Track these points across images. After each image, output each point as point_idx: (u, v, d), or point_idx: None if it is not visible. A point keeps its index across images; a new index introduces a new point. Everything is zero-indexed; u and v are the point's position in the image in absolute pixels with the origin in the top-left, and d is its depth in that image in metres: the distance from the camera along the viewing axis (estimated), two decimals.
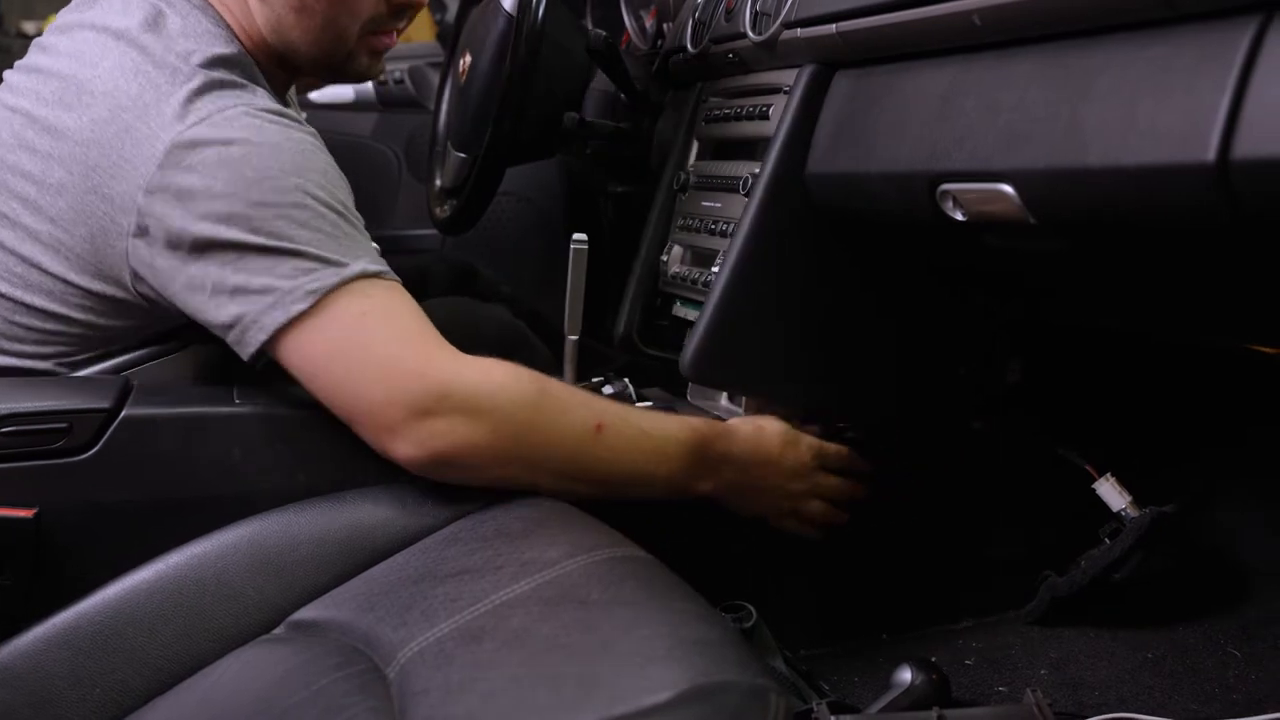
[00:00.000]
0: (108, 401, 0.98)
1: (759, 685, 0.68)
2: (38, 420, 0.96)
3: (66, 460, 0.96)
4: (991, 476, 1.36)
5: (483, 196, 1.48)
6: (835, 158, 1.10)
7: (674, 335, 1.34)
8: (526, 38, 1.38)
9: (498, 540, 0.89)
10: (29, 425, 0.95)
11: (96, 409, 0.97)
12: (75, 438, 0.97)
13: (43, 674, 0.85)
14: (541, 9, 1.39)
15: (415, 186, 2.21)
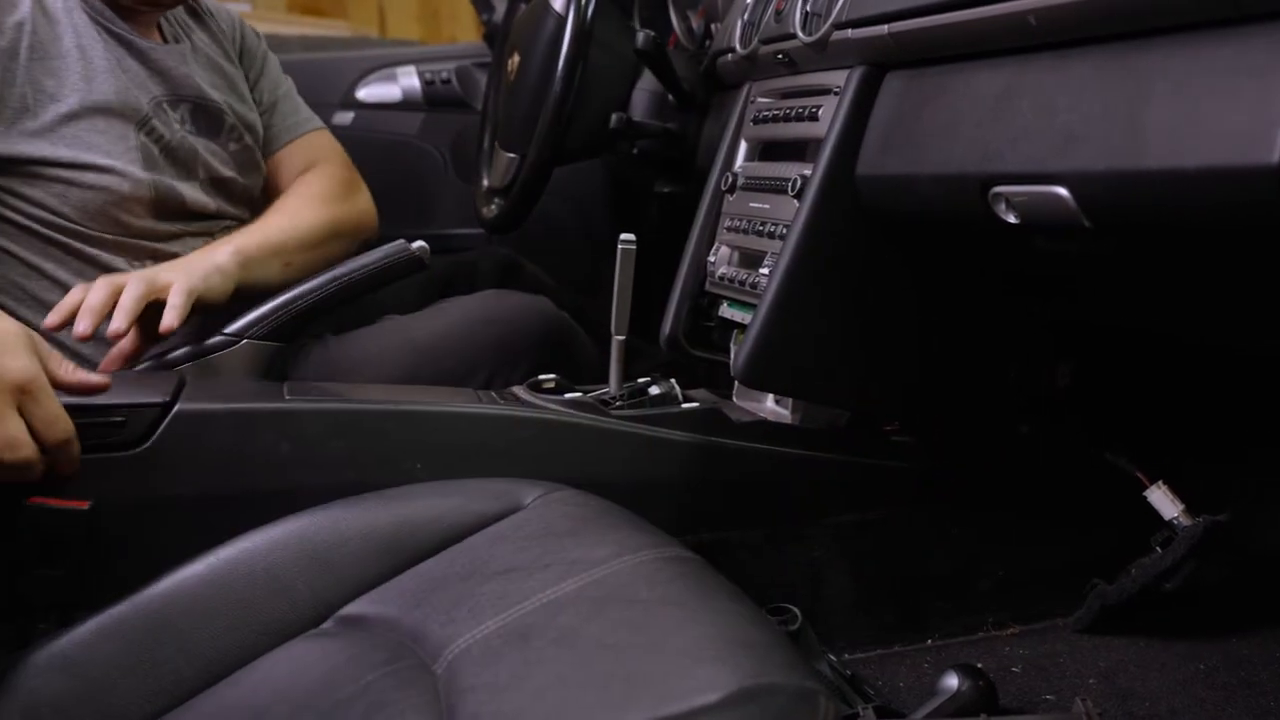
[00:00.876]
0: (162, 396, 1.00)
1: (807, 688, 0.68)
2: (94, 414, 0.97)
3: (121, 454, 0.97)
4: (1039, 481, 1.35)
5: (530, 196, 1.49)
6: (886, 159, 1.09)
7: (720, 336, 1.34)
8: (576, 38, 1.39)
9: (545, 539, 0.89)
10: (86, 419, 0.97)
11: (151, 403, 0.99)
12: (130, 431, 0.99)
13: (98, 663, 0.86)
14: (591, 9, 1.40)
15: (461, 186, 2.22)
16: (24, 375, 0.91)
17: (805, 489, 1.26)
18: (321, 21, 4.63)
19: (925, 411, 1.26)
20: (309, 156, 1.53)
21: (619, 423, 1.19)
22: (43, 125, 1.20)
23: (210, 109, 1.39)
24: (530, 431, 1.14)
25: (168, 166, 1.30)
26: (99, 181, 1.22)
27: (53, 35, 1.23)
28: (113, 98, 1.25)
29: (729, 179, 1.38)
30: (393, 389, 1.23)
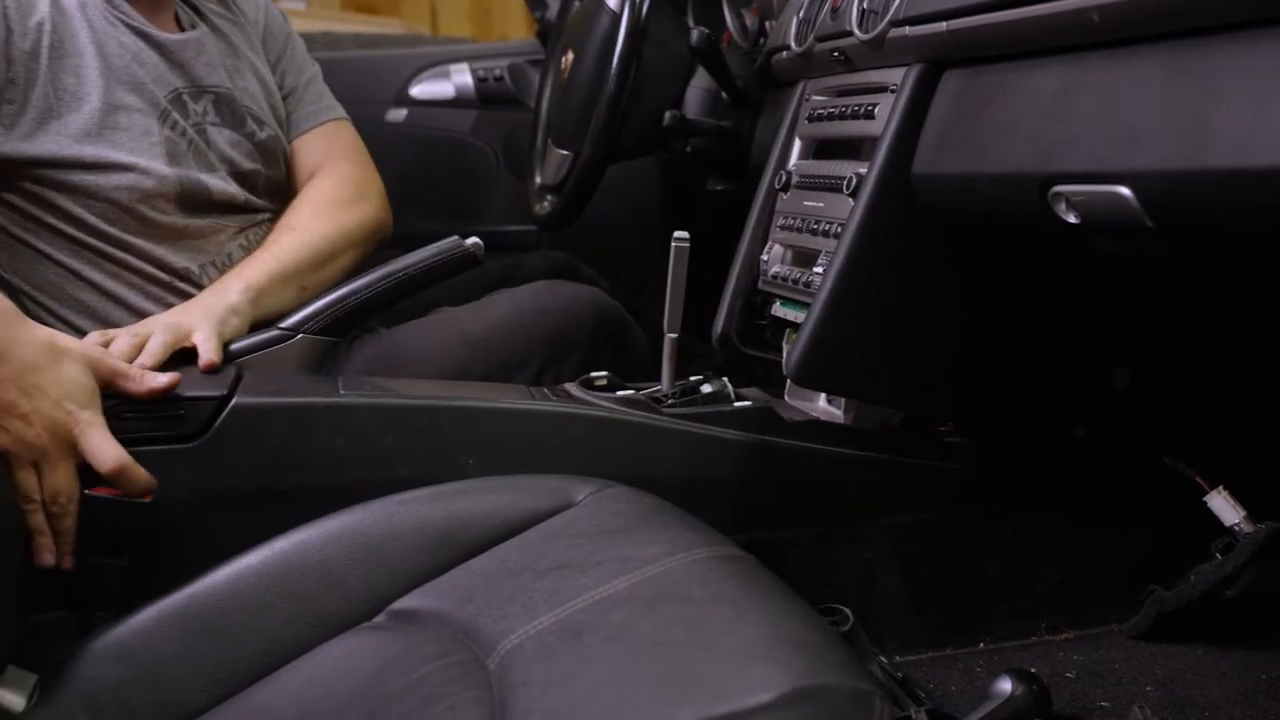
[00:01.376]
0: (220, 390, 1.01)
1: (862, 689, 0.67)
2: (154, 407, 0.99)
3: (180, 446, 0.99)
4: (1094, 484, 1.33)
5: (584, 193, 1.49)
6: (943, 158, 1.08)
7: (773, 335, 1.34)
8: (630, 35, 1.39)
9: (597, 536, 0.89)
10: (146, 412, 0.98)
11: (209, 397, 1.00)
12: (188, 424, 1.00)
13: (156, 652, 0.87)
14: (645, 7, 1.39)
15: (513, 183, 2.23)
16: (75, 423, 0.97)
17: (858, 489, 1.25)
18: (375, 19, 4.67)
19: (979, 412, 1.25)
20: (326, 147, 1.51)
21: (671, 420, 1.19)
22: (67, 125, 1.20)
23: (233, 100, 1.38)
24: (582, 428, 1.15)
25: (192, 160, 1.29)
26: (124, 181, 1.22)
27: (70, 32, 1.23)
28: (133, 94, 1.25)
29: (783, 177, 1.37)
30: (446, 385, 1.23)
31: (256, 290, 1.24)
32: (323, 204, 1.41)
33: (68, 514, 0.98)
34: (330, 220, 1.38)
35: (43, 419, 0.96)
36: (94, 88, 1.22)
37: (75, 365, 0.99)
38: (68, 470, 0.98)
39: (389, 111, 2.31)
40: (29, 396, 0.95)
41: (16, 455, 0.96)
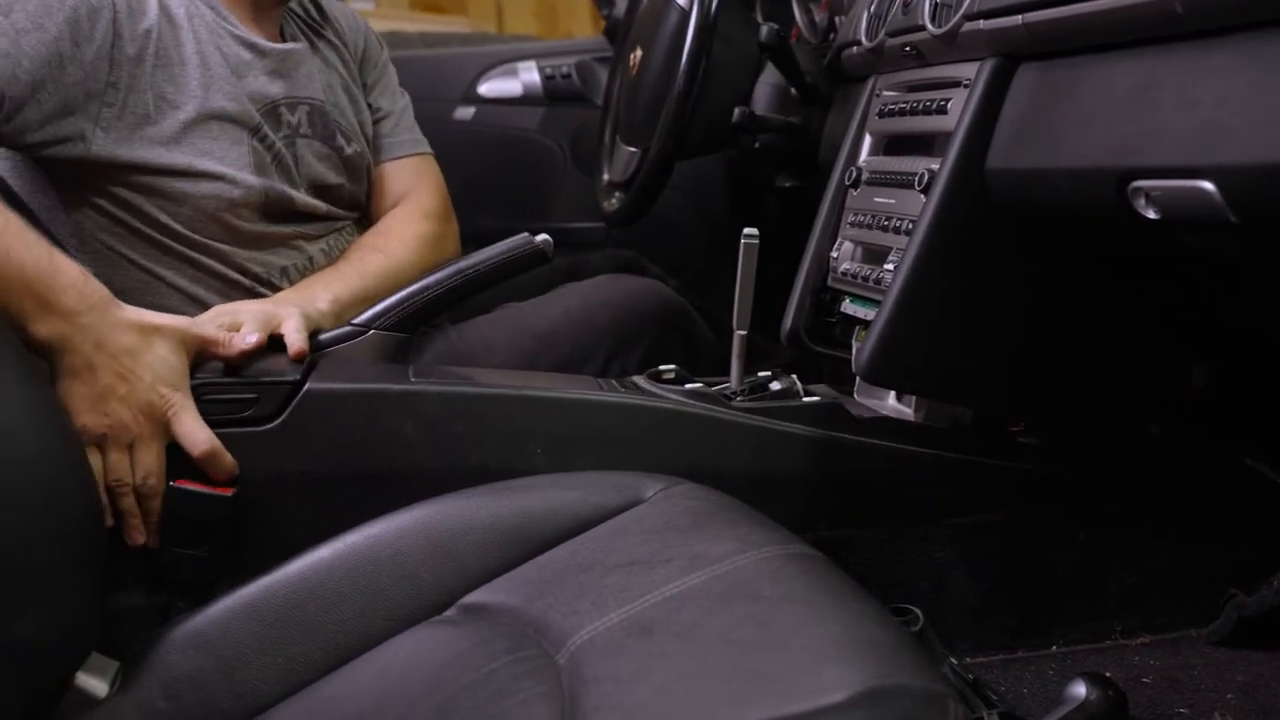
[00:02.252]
0: (293, 375, 1.02)
1: (936, 691, 0.66)
2: (230, 390, 1.01)
3: (254, 429, 1.00)
4: (1171, 485, 1.30)
5: (652, 190, 1.49)
6: (1018, 153, 1.07)
7: (842, 332, 1.33)
8: (700, 32, 1.38)
9: (666, 533, 0.89)
10: (222, 394, 1.00)
11: (283, 381, 1.02)
12: (262, 407, 1.02)
13: (231, 641, 0.88)
14: (715, 3, 1.39)
15: (580, 180, 2.23)
16: (168, 405, 1.01)
17: (927, 487, 1.23)
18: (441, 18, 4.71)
19: (1052, 410, 1.23)
20: (413, 180, 1.53)
21: (739, 415, 1.18)
22: (161, 132, 1.22)
23: (325, 113, 1.40)
24: (650, 420, 1.14)
25: (278, 172, 1.31)
26: (212, 189, 1.24)
27: (176, 41, 1.24)
28: (229, 105, 1.26)
29: (853, 173, 1.36)
30: (515, 374, 1.24)
31: (342, 305, 1.26)
32: (410, 235, 1.44)
33: (156, 495, 1.02)
34: (415, 252, 1.41)
35: (138, 402, 0.99)
36: (191, 97, 1.24)
37: (166, 344, 1.03)
38: (159, 451, 1.02)
39: (457, 109, 2.32)
40: (125, 381, 0.99)
41: (112, 438, 0.99)
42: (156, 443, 1.01)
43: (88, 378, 0.99)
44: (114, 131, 1.19)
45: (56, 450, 0.84)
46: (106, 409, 0.99)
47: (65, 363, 0.99)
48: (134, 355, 1.00)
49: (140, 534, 1.02)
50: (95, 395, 0.99)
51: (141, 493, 1.01)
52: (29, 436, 0.82)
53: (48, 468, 0.83)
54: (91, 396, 0.99)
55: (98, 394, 0.99)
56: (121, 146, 1.20)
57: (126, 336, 1.00)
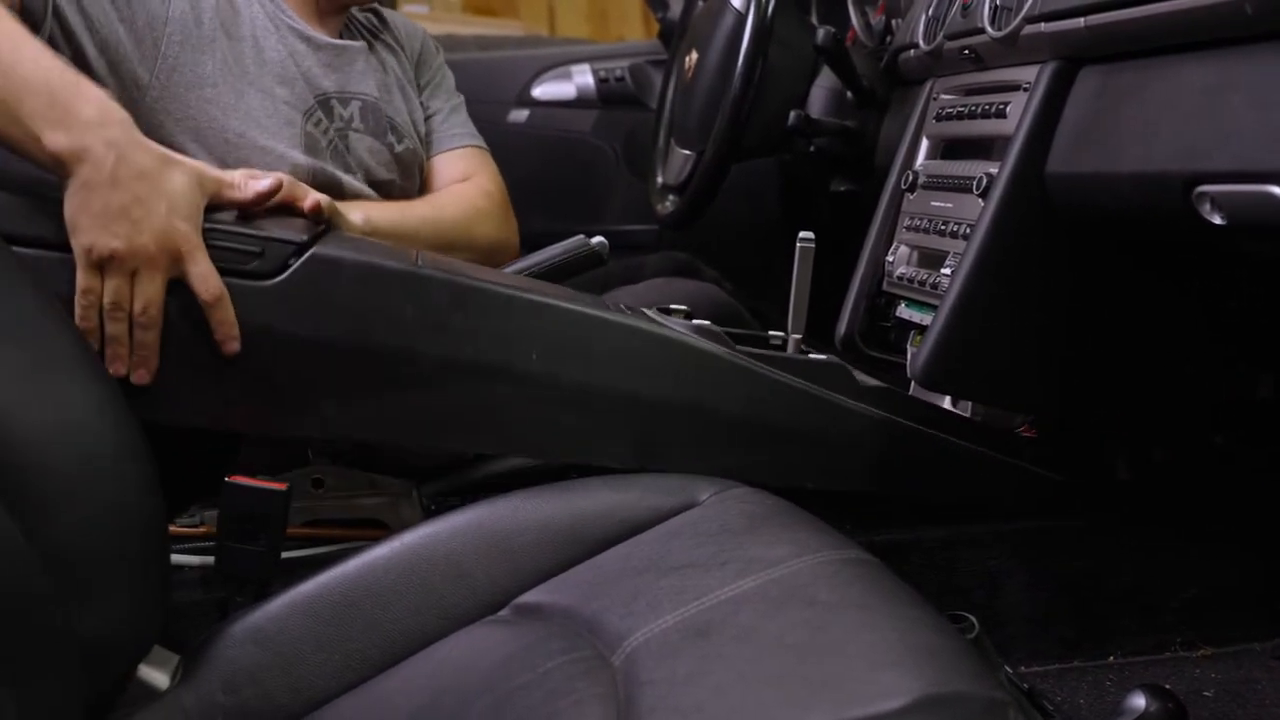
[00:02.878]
0: (300, 236, 1.02)
1: (996, 698, 0.66)
2: (236, 239, 1.00)
3: (254, 283, 0.99)
4: (1234, 496, 1.28)
5: (707, 193, 1.49)
6: (1079, 157, 1.06)
7: (897, 337, 1.32)
8: (756, 35, 1.38)
9: (722, 536, 0.89)
10: (228, 243, 0.99)
11: (289, 240, 1.01)
12: (265, 262, 1.00)
13: (289, 637, 0.89)
14: (771, 6, 1.39)
15: (633, 183, 2.23)
16: (183, 240, 0.97)
17: (982, 488, 1.22)
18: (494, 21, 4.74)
19: (1112, 418, 1.22)
20: (470, 166, 1.53)
21: (739, 356, 1.15)
22: (218, 96, 1.23)
23: (378, 109, 1.40)
24: (646, 344, 1.11)
25: (330, 159, 1.32)
26: (262, 159, 1.24)
27: (235, 22, 1.27)
28: (283, 87, 1.28)
29: (909, 177, 1.35)
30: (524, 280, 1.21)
31: (373, 226, 1.24)
32: (464, 199, 1.43)
33: (155, 326, 0.98)
34: (465, 215, 1.40)
35: (152, 228, 0.95)
36: (245, 72, 1.25)
37: (185, 177, 0.99)
38: (162, 284, 0.97)
39: (511, 112, 2.34)
40: (142, 204, 0.95)
41: (119, 261, 0.95)
42: (161, 275, 0.97)
43: (105, 193, 0.94)
44: (171, 87, 1.20)
45: (120, 446, 0.85)
46: (118, 229, 0.94)
47: (82, 175, 0.94)
48: (152, 181, 0.96)
49: (123, 364, 0.98)
50: (109, 213, 0.94)
51: (139, 323, 0.97)
52: (94, 431, 0.83)
53: (111, 463, 0.84)
54: (105, 214, 0.94)
55: (112, 212, 0.94)
56: (175, 102, 1.21)
57: (147, 159, 0.96)
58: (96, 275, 0.96)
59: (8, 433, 0.77)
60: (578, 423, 1.09)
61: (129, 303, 0.97)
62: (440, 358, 1.03)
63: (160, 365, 0.99)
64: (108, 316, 0.97)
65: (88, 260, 0.95)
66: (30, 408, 0.80)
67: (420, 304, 1.03)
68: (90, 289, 0.96)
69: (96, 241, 0.94)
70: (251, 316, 0.99)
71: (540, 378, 1.07)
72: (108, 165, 0.94)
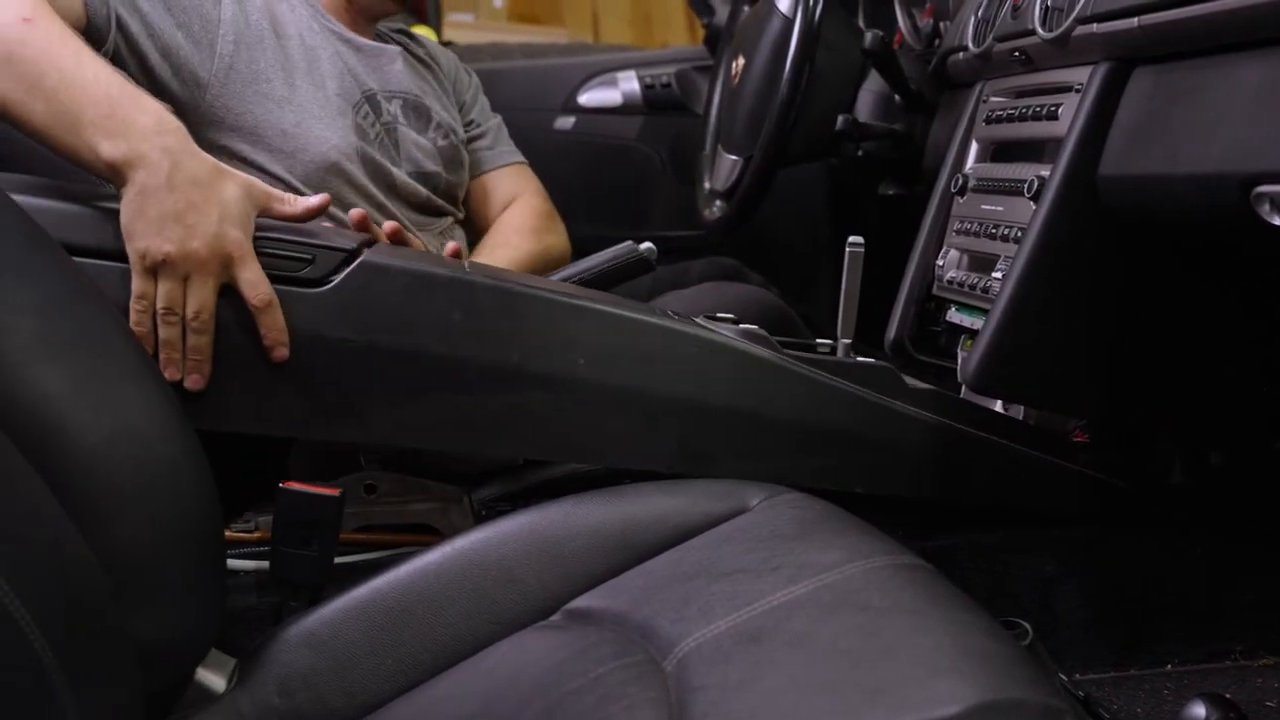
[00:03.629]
0: (350, 244, 1.03)
1: (1054, 706, 0.65)
2: (286, 247, 1.01)
3: (304, 289, 1.01)
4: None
5: (754, 198, 1.49)
6: (1133, 159, 1.04)
7: (947, 341, 1.31)
8: (803, 40, 1.38)
9: (773, 541, 0.89)
10: (279, 251, 1.01)
11: (339, 248, 1.02)
12: (316, 269, 1.01)
13: (343, 642, 0.90)
14: (818, 10, 1.38)
15: (679, 188, 2.23)
16: (234, 246, 0.99)
17: (1034, 493, 1.21)
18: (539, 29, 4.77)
19: (1168, 423, 1.20)
20: (514, 187, 1.58)
21: (787, 360, 1.14)
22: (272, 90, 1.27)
23: (421, 105, 1.45)
24: (695, 349, 1.11)
25: (379, 148, 1.36)
26: (318, 149, 1.28)
27: (280, 22, 1.32)
28: (333, 82, 1.32)
29: (959, 181, 1.34)
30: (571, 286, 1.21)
31: None
32: (527, 229, 1.49)
33: (207, 330, 0.99)
34: (535, 243, 1.46)
35: (205, 234, 0.97)
36: (296, 67, 1.30)
37: (237, 187, 1.01)
38: (214, 289, 0.99)
39: (557, 119, 2.34)
40: (196, 210, 0.97)
41: (172, 266, 0.97)
42: (213, 280, 0.99)
43: (161, 197, 0.96)
44: (229, 84, 1.25)
45: (180, 453, 0.86)
46: (171, 234, 0.96)
47: (138, 181, 0.96)
48: (205, 188, 0.98)
49: (176, 369, 1.00)
50: (164, 217, 0.96)
51: (192, 327, 0.99)
52: (152, 438, 0.85)
53: (169, 469, 0.85)
54: (160, 218, 0.96)
55: (167, 217, 0.96)
56: (234, 99, 1.25)
57: (201, 167, 0.99)
58: (150, 280, 0.98)
59: (69, 439, 0.79)
60: (624, 428, 1.09)
61: (182, 307, 0.99)
62: (487, 364, 1.04)
63: (212, 371, 1.01)
64: (161, 321, 0.99)
65: (142, 265, 0.97)
66: (90, 415, 0.81)
67: (467, 310, 1.04)
68: (144, 293, 0.98)
69: (150, 246, 0.96)
70: (301, 323, 1.01)
71: (587, 383, 1.07)
72: (163, 171, 0.96)
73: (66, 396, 0.80)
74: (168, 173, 0.96)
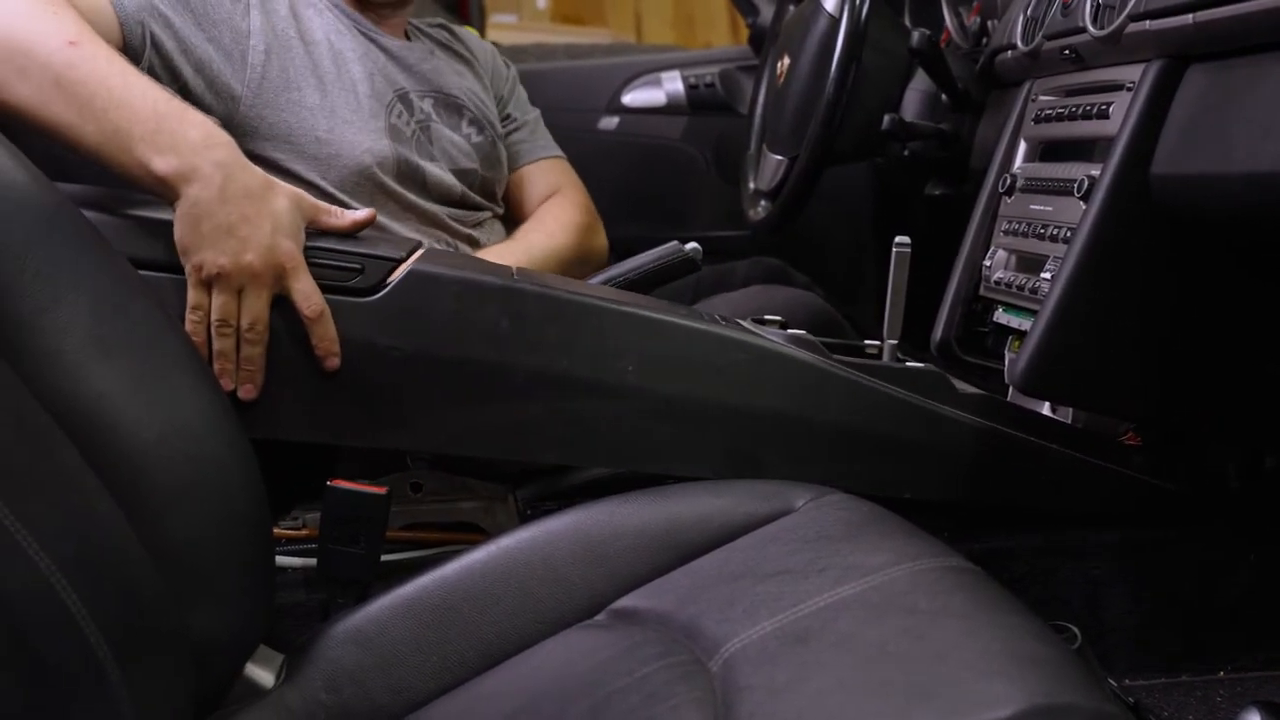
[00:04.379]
0: (399, 253, 1.04)
1: (1106, 711, 0.64)
2: (336, 257, 1.02)
3: (354, 299, 1.02)
4: None
5: (800, 198, 1.48)
6: (1187, 158, 1.03)
7: (994, 342, 1.30)
8: (850, 39, 1.37)
9: (819, 542, 0.88)
10: (330, 261, 1.02)
11: (388, 258, 1.03)
12: (365, 279, 1.02)
13: (389, 639, 0.90)
14: (865, 10, 1.38)
15: (723, 188, 2.23)
16: (287, 257, 1.00)
17: (1083, 497, 1.19)
18: (582, 30, 4.78)
19: (1221, 427, 1.18)
20: (553, 180, 1.57)
21: (837, 366, 1.13)
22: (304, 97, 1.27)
23: (454, 101, 1.45)
24: (745, 355, 1.11)
25: (414, 149, 1.35)
26: (352, 153, 1.28)
27: (308, 28, 1.32)
28: (364, 84, 1.32)
29: (1007, 180, 1.33)
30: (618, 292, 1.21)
31: None
32: (568, 221, 1.49)
33: (261, 341, 1.01)
34: (573, 237, 1.46)
35: (258, 246, 0.98)
36: (327, 73, 1.30)
37: (286, 200, 1.02)
38: (268, 301, 1.01)
39: (601, 119, 2.35)
40: (249, 223, 0.98)
41: (226, 279, 0.98)
42: (267, 291, 1.00)
43: (214, 210, 0.97)
44: (263, 94, 1.25)
45: (229, 450, 0.87)
46: (226, 247, 0.98)
47: (191, 195, 0.97)
48: (258, 201, 0.99)
49: (230, 379, 1.01)
50: (218, 231, 0.98)
51: (246, 338, 1.00)
52: (205, 435, 0.86)
53: (220, 466, 0.86)
54: (214, 232, 0.98)
55: (220, 230, 0.98)
56: (268, 108, 1.25)
57: (253, 180, 1.00)
58: (205, 292, 1.00)
59: (123, 437, 0.80)
60: (671, 434, 1.09)
61: (236, 319, 1.00)
62: (534, 371, 1.04)
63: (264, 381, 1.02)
64: (215, 332, 1.00)
65: (197, 278, 0.99)
66: (144, 413, 0.82)
67: (516, 318, 1.05)
68: (199, 305, 1.00)
69: (205, 259, 0.98)
70: (352, 332, 1.02)
71: (635, 390, 1.07)
72: (216, 184, 0.98)
73: (121, 395, 0.81)
74: (220, 186, 0.98)
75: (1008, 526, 1.20)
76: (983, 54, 1.54)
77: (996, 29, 1.54)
